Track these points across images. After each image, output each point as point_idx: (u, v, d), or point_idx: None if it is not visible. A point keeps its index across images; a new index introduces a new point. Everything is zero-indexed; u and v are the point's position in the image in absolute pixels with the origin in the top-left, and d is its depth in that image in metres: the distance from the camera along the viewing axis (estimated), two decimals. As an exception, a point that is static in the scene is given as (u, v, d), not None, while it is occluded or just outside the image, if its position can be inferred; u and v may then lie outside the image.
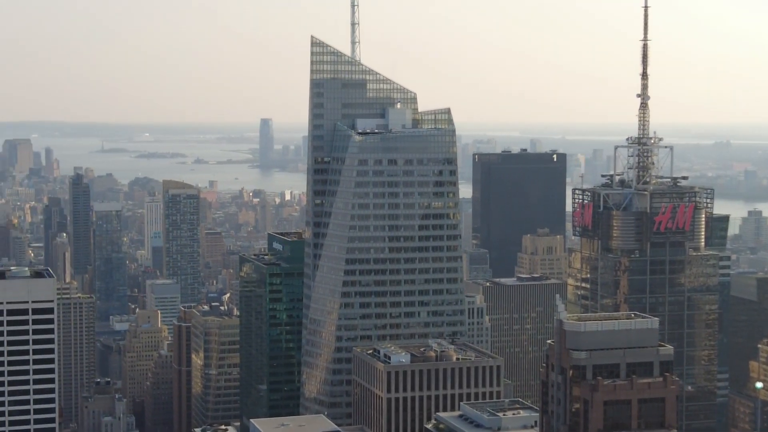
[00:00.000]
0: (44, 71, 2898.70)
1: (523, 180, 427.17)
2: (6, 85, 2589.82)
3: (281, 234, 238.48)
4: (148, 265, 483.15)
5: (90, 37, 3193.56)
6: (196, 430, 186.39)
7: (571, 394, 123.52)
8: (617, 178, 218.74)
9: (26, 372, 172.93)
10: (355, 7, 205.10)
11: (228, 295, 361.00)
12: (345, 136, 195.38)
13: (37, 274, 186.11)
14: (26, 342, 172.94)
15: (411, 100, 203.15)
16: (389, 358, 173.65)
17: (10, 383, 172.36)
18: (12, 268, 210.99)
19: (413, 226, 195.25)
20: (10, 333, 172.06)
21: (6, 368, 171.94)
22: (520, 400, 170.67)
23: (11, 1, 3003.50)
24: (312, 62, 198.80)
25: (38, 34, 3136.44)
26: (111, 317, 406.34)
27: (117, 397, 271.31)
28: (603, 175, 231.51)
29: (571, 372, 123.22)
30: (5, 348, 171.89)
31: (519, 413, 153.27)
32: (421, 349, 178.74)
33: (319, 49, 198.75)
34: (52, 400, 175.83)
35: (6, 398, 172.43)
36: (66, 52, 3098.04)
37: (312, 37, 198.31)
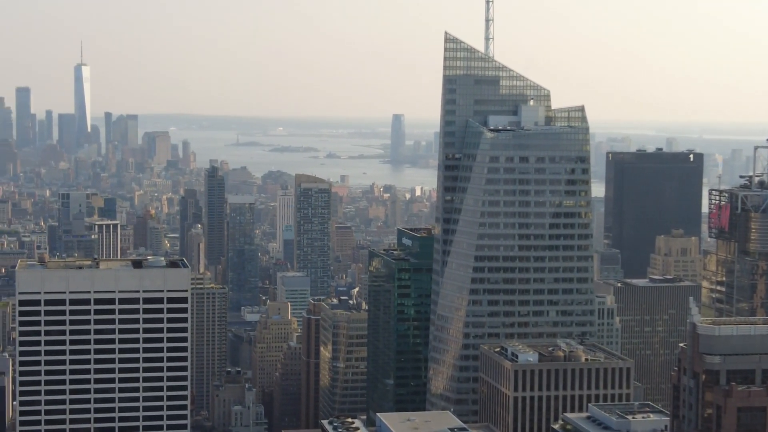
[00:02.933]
0: (183, 66, 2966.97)
1: (657, 179, 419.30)
2: (147, 79, 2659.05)
3: (411, 229, 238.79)
4: (279, 257, 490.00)
5: (227, 33, 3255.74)
6: (323, 421, 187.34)
7: (703, 399, 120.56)
8: (756, 179, 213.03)
9: (160, 359, 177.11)
10: (490, 3, 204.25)
11: (357, 289, 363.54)
12: (477, 133, 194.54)
13: (173, 264, 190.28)
14: (161, 330, 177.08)
15: (544, 97, 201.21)
16: (517, 356, 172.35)
17: (145, 370, 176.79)
18: (149, 257, 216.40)
19: (544, 224, 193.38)
20: (145, 321, 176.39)
21: (141, 355, 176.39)
22: (650, 403, 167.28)
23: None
24: (445, 58, 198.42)
25: (176, 30, 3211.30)
26: (242, 308, 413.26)
27: (247, 386, 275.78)
28: (741, 176, 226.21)
29: (703, 376, 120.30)
30: (141, 335, 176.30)
31: (649, 417, 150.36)
32: (550, 349, 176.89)
33: (452, 45, 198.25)
34: (184, 388, 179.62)
35: (141, 384, 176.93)
36: (204, 48, 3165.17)
37: (446, 33, 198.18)
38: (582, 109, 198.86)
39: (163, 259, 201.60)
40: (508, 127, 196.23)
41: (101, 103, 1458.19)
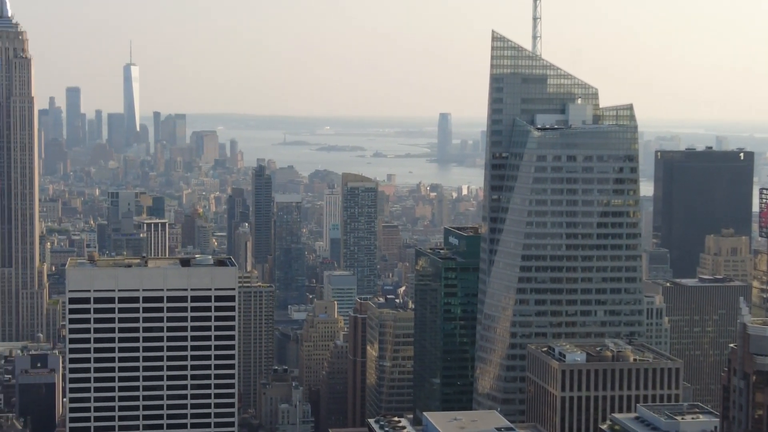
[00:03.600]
0: (231, 66, 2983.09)
1: (707, 178, 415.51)
2: (195, 79, 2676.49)
3: (457, 228, 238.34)
4: (326, 256, 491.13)
5: (275, 32, 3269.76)
6: (369, 420, 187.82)
7: (753, 400, 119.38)
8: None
9: (208, 357, 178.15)
10: (537, 2, 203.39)
11: (403, 288, 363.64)
12: (524, 132, 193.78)
13: (220, 263, 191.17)
14: (208, 328, 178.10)
15: (592, 95, 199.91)
16: (564, 356, 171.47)
17: (193, 368, 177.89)
18: (197, 256, 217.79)
19: (591, 224, 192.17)
20: (193, 319, 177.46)
21: (189, 353, 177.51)
22: (700, 404, 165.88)
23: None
24: (492, 57, 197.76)
25: (225, 30, 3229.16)
26: (289, 306, 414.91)
27: (294, 385, 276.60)
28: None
29: (754, 377, 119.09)
30: (189, 333, 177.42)
31: (698, 417, 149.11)
32: (597, 349, 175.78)
33: (499, 44, 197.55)
34: (232, 386, 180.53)
35: (189, 381, 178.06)
36: (252, 47, 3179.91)
37: (493, 31, 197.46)
38: (630, 107, 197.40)
39: (210, 257, 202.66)
40: (556, 126, 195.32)
41: (150, 103, 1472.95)
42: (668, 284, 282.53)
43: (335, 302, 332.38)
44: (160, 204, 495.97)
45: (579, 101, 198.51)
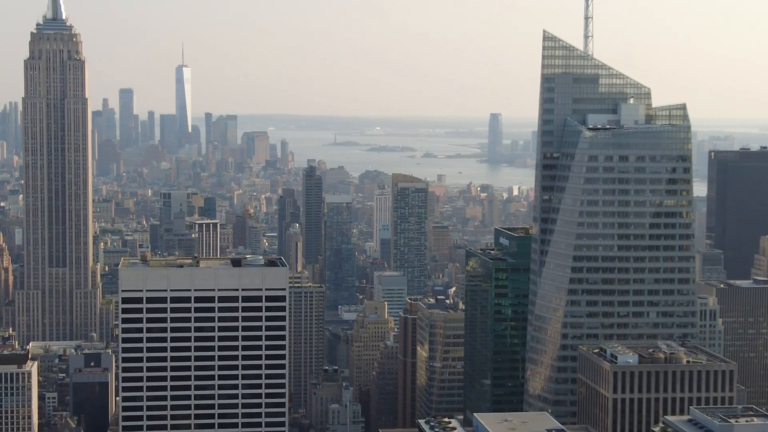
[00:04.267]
0: (282, 67, 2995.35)
1: (762, 178, 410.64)
2: (246, 80, 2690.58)
3: (508, 229, 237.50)
4: (376, 256, 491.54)
5: (325, 33, 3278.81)
6: (420, 421, 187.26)
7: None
8: None
9: (259, 357, 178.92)
10: (589, 1, 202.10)
11: (454, 288, 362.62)
12: (575, 132, 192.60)
13: (271, 263, 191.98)
14: (259, 328, 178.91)
15: (644, 95, 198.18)
16: (616, 357, 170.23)
17: (244, 368, 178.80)
18: (248, 256, 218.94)
19: (644, 224, 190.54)
20: (244, 319, 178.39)
21: (240, 353, 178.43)
22: (754, 407, 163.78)
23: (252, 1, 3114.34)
24: (543, 57, 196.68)
25: (275, 31, 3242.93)
26: (339, 307, 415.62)
27: (344, 385, 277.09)
28: None
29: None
30: (240, 333, 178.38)
31: (752, 420, 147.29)
32: (650, 350, 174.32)
33: (550, 43, 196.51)
34: (282, 385, 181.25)
35: (239, 381, 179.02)
36: (303, 48, 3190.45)
37: (544, 31, 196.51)
38: (683, 107, 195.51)
39: (261, 257, 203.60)
40: (608, 126, 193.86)
41: (202, 104, 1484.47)
42: (722, 285, 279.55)
43: (385, 303, 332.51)
44: (212, 204, 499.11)
45: (631, 101, 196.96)
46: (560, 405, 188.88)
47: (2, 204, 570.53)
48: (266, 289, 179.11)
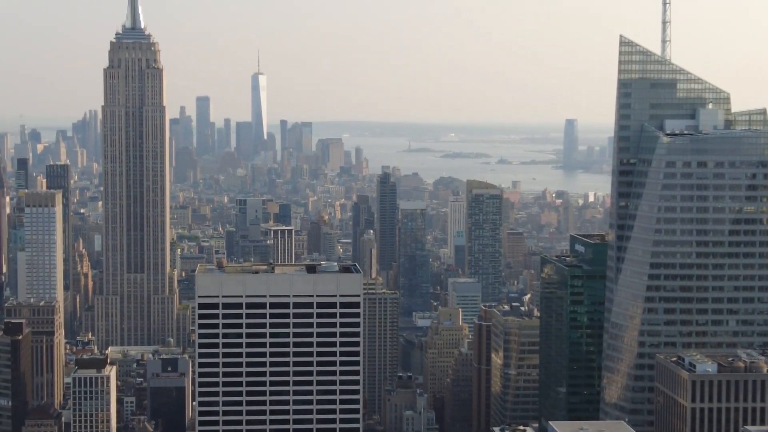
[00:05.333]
0: (356, 73, 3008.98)
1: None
2: (321, 87, 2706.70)
3: (584, 236, 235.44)
4: (450, 263, 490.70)
5: (398, 40, 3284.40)
6: (494, 429, 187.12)
7: None
8: None
9: (333, 363, 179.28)
10: (667, 5, 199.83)
11: (529, 295, 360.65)
12: (652, 137, 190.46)
13: (346, 269, 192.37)
14: (334, 335, 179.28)
15: (724, 100, 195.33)
16: (695, 366, 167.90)
17: (319, 373, 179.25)
18: (322, 262, 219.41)
19: (723, 231, 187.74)
20: (319, 325, 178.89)
21: (315, 359, 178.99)
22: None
23: (320, 6, 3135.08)
24: (620, 62, 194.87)
25: (349, 39, 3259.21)
26: (414, 313, 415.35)
27: (418, 392, 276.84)
28: None
29: None
30: (314, 339, 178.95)
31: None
32: (729, 359, 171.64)
33: (627, 48, 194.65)
34: (356, 392, 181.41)
35: (314, 387, 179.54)
36: (377, 55, 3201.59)
37: (621, 36, 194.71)
38: (764, 111, 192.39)
39: (336, 264, 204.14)
40: (686, 132, 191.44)
41: (277, 111, 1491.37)
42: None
43: (460, 309, 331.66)
44: (287, 211, 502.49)
45: (710, 106, 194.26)
46: (637, 414, 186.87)
47: (82, 211, 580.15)
48: (341, 296, 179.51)
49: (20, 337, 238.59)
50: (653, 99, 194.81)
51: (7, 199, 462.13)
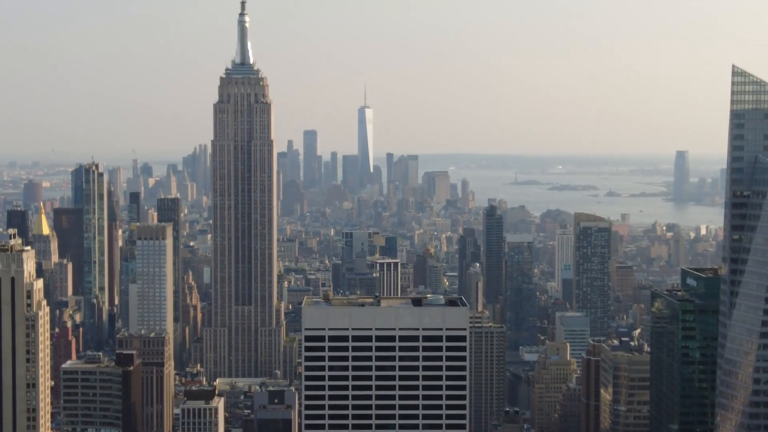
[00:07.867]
0: (462, 106, 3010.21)
1: None
2: (427, 119, 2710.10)
3: (696, 269, 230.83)
4: (557, 297, 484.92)
5: (503, 72, 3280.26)
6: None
7: None
8: None
9: (439, 397, 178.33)
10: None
11: (638, 330, 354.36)
12: (767, 169, 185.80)
13: (452, 303, 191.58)
14: (440, 368, 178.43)
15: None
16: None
17: (425, 407, 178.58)
18: (428, 295, 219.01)
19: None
20: (425, 359, 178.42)
21: (420, 392, 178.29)
22: None
23: (426, 40, 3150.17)
24: (733, 92, 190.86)
25: (454, 72, 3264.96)
26: (520, 347, 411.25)
27: (525, 427, 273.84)
28: None
29: None
30: (420, 372, 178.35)
31: None
32: None
33: (740, 78, 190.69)
34: (463, 426, 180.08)
35: (420, 421, 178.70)
36: (481, 87, 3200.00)
37: (733, 66, 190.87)
38: None
39: (442, 297, 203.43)
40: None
41: (383, 144, 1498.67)
42: None
43: (567, 344, 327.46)
44: (393, 244, 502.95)
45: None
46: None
47: (192, 243, 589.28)
48: (447, 329, 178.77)
49: (131, 368, 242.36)
50: (767, 130, 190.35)
51: (120, 232, 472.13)
